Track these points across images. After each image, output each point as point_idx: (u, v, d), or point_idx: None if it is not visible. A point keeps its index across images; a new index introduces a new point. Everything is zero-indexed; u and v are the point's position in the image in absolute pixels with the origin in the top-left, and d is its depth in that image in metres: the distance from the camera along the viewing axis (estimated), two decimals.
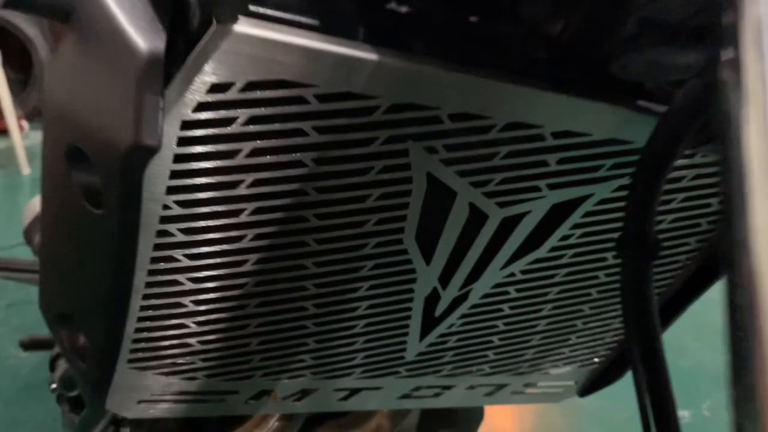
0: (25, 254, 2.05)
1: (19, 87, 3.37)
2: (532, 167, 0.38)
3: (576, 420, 1.43)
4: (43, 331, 1.43)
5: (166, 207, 0.34)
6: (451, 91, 0.34)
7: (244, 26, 0.28)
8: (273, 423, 0.53)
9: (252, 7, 0.29)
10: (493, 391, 0.55)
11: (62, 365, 0.76)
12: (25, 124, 3.43)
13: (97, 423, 0.72)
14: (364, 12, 0.32)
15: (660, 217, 0.44)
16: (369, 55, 0.31)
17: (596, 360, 0.56)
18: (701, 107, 0.30)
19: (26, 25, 3.61)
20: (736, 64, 0.19)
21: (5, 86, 2.99)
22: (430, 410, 0.66)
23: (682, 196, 0.43)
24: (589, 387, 0.59)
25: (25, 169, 2.96)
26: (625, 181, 0.40)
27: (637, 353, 0.36)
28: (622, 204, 0.41)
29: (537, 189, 0.39)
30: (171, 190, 0.33)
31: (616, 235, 0.42)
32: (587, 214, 0.42)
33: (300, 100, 0.32)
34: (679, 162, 0.40)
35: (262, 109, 0.31)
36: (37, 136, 3.53)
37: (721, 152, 0.20)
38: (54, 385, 0.81)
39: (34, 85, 3.67)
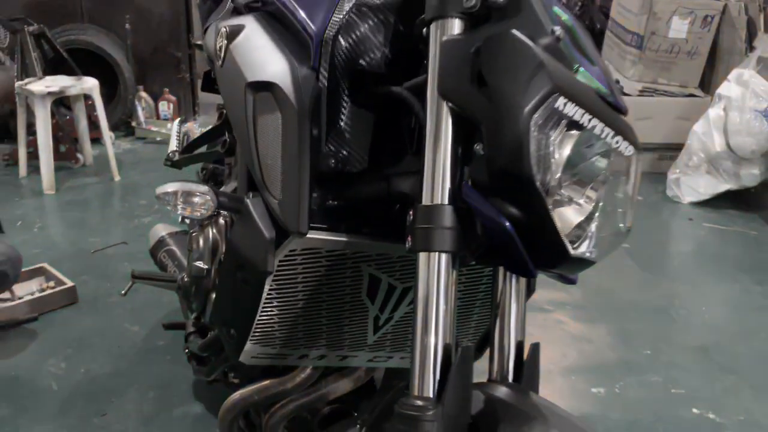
0: (124, 253, 2.66)
1: (104, 101, 3.91)
2: (410, 270, 0.96)
3: None
4: (149, 313, 2.08)
5: (271, 283, 0.92)
6: (377, 248, 0.92)
7: (305, 235, 0.87)
8: (308, 371, 1.12)
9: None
10: None
11: (194, 340, 1.37)
12: (111, 134, 4.00)
13: (216, 371, 1.33)
14: (343, 218, 0.90)
15: None
16: (343, 237, 0.89)
17: (470, 342, 1.14)
18: None
19: (114, 51, 4.24)
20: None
21: (101, 103, 3.61)
22: (390, 370, 1.25)
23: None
24: None
25: (117, 176, 3.59)
26: None
27: None
28: None
29: None
30: (274, 278, 0.92)
31: None
32: None
33: (319, 252, 0.90)
34: None
35: (306, 255, 0.90)
36: (121, 145, 4.19)
37: None
38: (187, 350, 1.41)
39: (119, 100, 4.31)
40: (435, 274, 0.73)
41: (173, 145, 1.86)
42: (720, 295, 2.59)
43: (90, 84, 3.41)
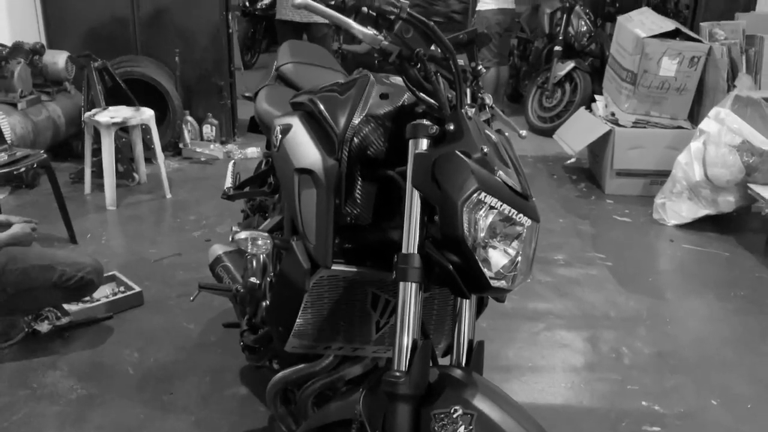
0: (179, 263, 3.14)
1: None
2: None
3: None
4: (202, 314, 2.61)
5: (307, 297, 1.40)
6: (378, 275, 1.39)
7: (329, 268, 1.34)
8: (330, 358, 1.59)
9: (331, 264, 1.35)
10: None
11: (248, 336, 1.85)
12: (161, 154, 4.49)
13: (264, 359, 1.81)
14: (354, 255, 1.38)
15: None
16: (354, 269, 1.37)
17: (443, 343, 1.60)
18: None
19: (165, 80, 4.76)
20: None
21: (156, 130, 4.12)
22: (389, 359, 1.71)
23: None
24: (444, 353, 1.63)
25: (168, 194, 4.10)
26: None
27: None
28: None
29: None
30: (309, 295, 1.39)
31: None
32: None
33: (338, 277, 1.37)
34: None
35: (330, 280, 1.38)
36: (170, 164, 4.71)
37: None
38: (242, 343, 1.90)
39: (168, 124, 4.84)
40: (408, 296, 1.20)
41: (228, 182, 2.34)
42: (683, 309, 3.01)
43: (147, 115, 3.94)
